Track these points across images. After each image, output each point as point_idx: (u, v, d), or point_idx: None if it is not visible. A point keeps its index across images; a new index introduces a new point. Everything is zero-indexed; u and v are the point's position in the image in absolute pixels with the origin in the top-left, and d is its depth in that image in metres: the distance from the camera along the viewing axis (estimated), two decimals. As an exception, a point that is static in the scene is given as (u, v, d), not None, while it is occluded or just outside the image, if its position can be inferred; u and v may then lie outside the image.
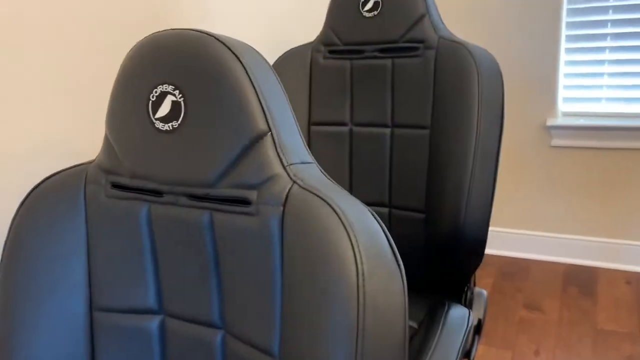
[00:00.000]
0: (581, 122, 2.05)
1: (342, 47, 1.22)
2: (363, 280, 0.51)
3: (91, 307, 0.70)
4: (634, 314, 1.93)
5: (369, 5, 1.18)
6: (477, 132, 1.07)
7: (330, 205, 0.54)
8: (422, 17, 1.15)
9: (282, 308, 0.56)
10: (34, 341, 0.68)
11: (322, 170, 0.62)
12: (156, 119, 0.61)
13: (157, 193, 0.63)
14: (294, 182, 0.57)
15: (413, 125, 1.18)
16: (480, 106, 1.08)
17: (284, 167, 0.58)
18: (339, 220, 0.53)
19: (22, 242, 0.68)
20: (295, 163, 0.59)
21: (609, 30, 1.97)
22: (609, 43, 1.98)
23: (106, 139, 0.67)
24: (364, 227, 0.54)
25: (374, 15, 1.18)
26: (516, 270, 2.25)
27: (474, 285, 1.31)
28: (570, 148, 2.10)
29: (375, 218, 0.56)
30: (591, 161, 2.09)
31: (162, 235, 0.65)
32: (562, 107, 2.11)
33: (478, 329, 1.17)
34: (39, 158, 0.90)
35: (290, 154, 0.59)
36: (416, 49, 1.15)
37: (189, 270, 0.65)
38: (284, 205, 0.56)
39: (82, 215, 0.69)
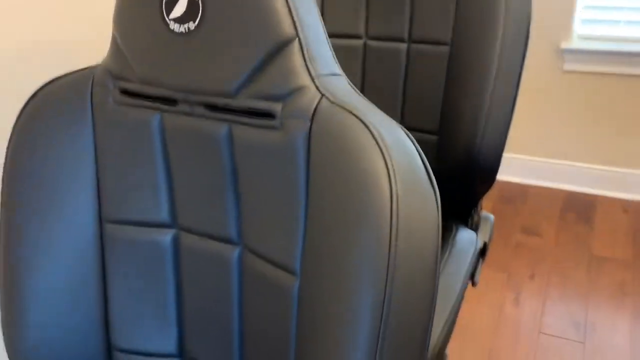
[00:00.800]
0: (597, 46, 1.97)
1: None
2: (397, 202, 0.48)
3: (101, 219, 0.67)
4: (628, 242, 1.95)
5: None
6: (500, 49, 1.01)
7: (363, 123, 0.50)
8: None
9: (306, 226, 0.53)
10: (45, 263, 0.65)
11: (352, 85, 0.57)
12: (170, 20, 0.55)
13: (171, 101, 0.59)
14: (323, 95, 0.52)
15: (432, 40, 1.11)
16: (505, 22, 1.01)
17: (312, 79, 0.53)
18: (373, 139, 0.49)
19: (24, 151, 0.64)
20: (325, 74, 0.54)
21: (638, -53, 1.85)
22: (635, -39, 1.87)
23: (114, 40, 0.61)
24: (399, 147, 0.50)
25: None
26: (516, 195, 2.25)
27: (480, 209, 1.30)
28: (583, 73, 2.03)
29: (410, 138, 0.52)
30: (604, 88, 2.03)
31: (175, 147, 0.61)
32: (579, 29, 2.02)
33: (483, 252, 1.17)
34: (37, 61, 0.84)
35: (319, 64, 0.54)
36: None
37: (204, 185, 0.61)
38: (312, 121, 0.52)
39: (89, 121, 0.64)
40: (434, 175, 1.18)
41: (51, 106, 0.65)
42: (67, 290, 0.68)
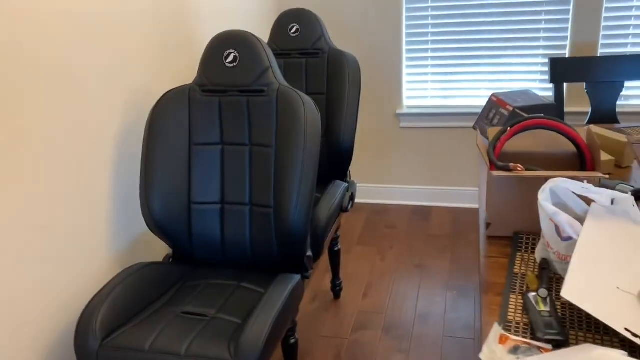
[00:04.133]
0: (416, 111, 3.24)
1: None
2: (307, 123, 1.55)
3: (190, 144, 1.67)
4: (450, 227, 3.11)
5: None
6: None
7: (296, 92, 1.58)
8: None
9: (277, 129, 1.58)
10: (165, 168, 1.63)
11: (289, 85, 1.65)
12: (227, 63, 1.61)
13: (224, 92, 1.63)
14: (280, 84, 1.60)
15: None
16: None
17: (277, 80, 1.61)
18: (300, 98, 1.57)
19: (157, 121, 1.65)
20: (280, 79, 1.62)
21: (429, 54, 3.19)
22: (429, 62, 3.20)
23: (200, 72, 1.66)
24: (309, 102, 1.58)
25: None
26: (380, 210, 3.37)
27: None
28: (412, 128, 3.28)
29: (314, 104, 1.60)
30: (425, 136, 3.28)
31: (225, 110, 1.65)
32: (406, 102, 3.30)
33: (352, 198, 2.22)
34: (136, 99, 1.86)
35: (278, 76, 1.62)
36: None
37: (235, 123, 1.65)
38: (277, 92, 1.59)
39: (187, 106, 1.67)
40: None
41: (170, 101, 1.67)
42: (172, 176, 1.66)
